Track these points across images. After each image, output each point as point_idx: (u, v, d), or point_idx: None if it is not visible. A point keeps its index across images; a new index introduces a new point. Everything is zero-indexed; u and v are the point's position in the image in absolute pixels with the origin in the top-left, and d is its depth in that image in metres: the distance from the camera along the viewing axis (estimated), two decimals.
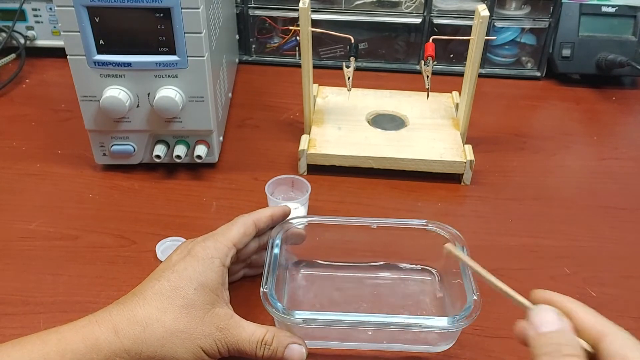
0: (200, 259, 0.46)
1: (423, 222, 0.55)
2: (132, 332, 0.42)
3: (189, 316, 0.44)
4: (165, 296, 0.44)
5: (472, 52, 0.67)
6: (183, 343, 0.43)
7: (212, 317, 0.45)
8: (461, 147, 0.70)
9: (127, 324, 0.42)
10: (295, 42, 0.94)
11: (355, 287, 0.55)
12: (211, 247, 0.47)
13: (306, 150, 0.69)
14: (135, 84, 0.62)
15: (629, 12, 0.89)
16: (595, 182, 0.71)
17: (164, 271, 0.46)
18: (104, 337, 0.42)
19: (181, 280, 0.45)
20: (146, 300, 0.44)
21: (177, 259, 0.47)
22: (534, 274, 0.57)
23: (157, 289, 0.44)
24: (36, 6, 0.90)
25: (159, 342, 0.43)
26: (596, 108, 0.87)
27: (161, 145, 0.67)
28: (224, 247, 0.47)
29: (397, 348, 0.50)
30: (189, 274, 0.45)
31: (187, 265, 0.46)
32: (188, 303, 0.44)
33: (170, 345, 0.43)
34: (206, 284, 0.45)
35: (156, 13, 0.58)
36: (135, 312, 0.43)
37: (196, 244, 0.47)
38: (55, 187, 0.67)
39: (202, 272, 0.45)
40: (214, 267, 0.46)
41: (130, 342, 0.42)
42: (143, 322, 0.43)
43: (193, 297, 0.44)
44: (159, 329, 0.43)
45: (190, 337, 0.43)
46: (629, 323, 0.53)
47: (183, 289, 0.44)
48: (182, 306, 0.44)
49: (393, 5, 0.90)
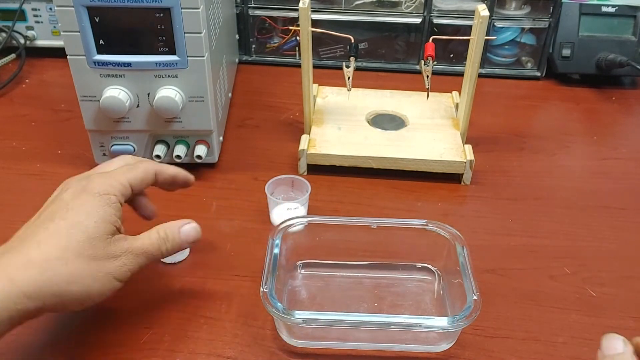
0: (97, 194, 0.45)
1: (423, 222, 0.55)
2: (31, 277, 0.40)
3: (93, 248, 0.43)
4: (63, 234, 0.43)
5: (472, 52, 0.67)
6: (91, 273, 0.43)
7: (115, 242, 0.45)
8: (461, 147, 0.70)
9: (23, 270, 0.41)
10: (295, 42, 0.94)
11: (355, 287, 0.55)
12: (107, 184, 0.47)
13: (306, 150, 0.69)
14: (135, 84, 0.62)
15: (629, 12, 0.89)
16: (595, 182, 0.71)
17: (57, 211, 0.44)
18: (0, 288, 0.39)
19: (79, 215, 0.44)
20: (41, 243, 0.42)
21: (70, 197, 0.45)
22: (534, 274, 0.57)
23: (53, 229, 0.43)
24: (36, 6, 0.90)
25: (65, 279, 0.42)
26: (596, 108, 0.87)
27: (161, 145, 0.67)
28: (120, 185, 0.47)
29: (397, 348, 0.50)
30: (87, 209, 0.45)
31: (83, 202, 0.45)
32: (89, 236, 0.43)
33: (78, 280, 0.42)
34: (105, 218, 0.45)
35: (156, 13, 0.58)
36: (31, 256, 0.41)
37: (90, 181, 0.47)
38: (55, 187, 0.67)
39: (100, 207, 0.45)
40: (110, 203, 0.46)
41: (31, 287, 0.40)
42: (42, 264, 0.41)
43: (94, 230, 0.44)
44: (61, 267, 0.42)
45: (97, 265, 0.43)
46: (629, 323, 0.53)
47: (82, 223, 0.44)
48: (83, 240, 0.43)
49: (393, 5, 0.90)
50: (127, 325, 0.51)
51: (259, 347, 0.49)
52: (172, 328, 0.51)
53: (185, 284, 0.55)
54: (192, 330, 0.51)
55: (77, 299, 0.43)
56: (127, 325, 0.51)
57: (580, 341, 0.51)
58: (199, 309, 0.53)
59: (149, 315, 0.52)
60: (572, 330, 0.52)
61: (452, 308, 0.52)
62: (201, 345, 0.49)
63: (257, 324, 0.51)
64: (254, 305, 0.53)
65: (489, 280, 0.56)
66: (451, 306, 0.52)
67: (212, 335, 0.50)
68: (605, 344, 0.41)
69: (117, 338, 0.50)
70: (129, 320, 0.51)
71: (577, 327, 0.52)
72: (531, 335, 0.51)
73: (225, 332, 0.51)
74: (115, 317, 0.51)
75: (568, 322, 0.53)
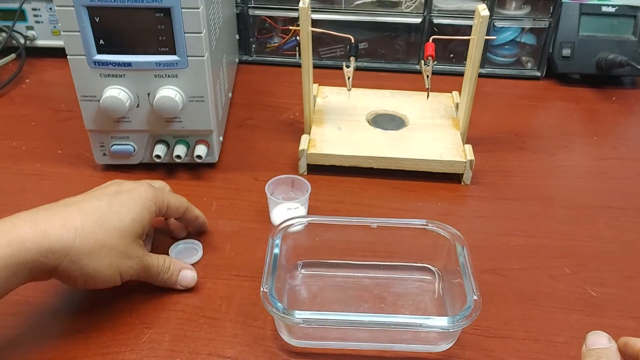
0: (143, 198, 0.51)
1: (423, 222, 0.55)
2: (64, 236, 0.45)
3: (120, 237, 0.48)
4: (103, 214, 0.48)
5: (472, 52, 0.67)
6: (107, 259, 0.47)
7: (136, 245, 0.50)
8: (461, 147, 0.70)
9: (59, 228, 0.45)
10: (295, 42, 0.94)
11: (356, 287, 0.55)
12: (152, 194, 0.52)
13: (306, 150, 0.69)
14: (135, 83, 0.62)
15: (629, 12, 0.89)
16: (595, 182, 0.71)
17: (105, 195, 0.49)
18: (33, 238, 0.43)
19: (122, 207, 0.49)
20: (82, 213, 0.47)
21: (120, 190, 0.51)
22: (534, 274, 0.57)
23: (97, 207, 0.48)
24: (36, 6, 0.90)
25: (87, 251, 0.46)
26: (596, 108, 0.87)
27: (161, 145, 0.67)
28: (162, 200, 0.53)
29: (397, 348, 0.50)
30: (130, 205, 0.50)
31: (130, 198, 0.50)
32: (122, 227, 0.48)
33: (96, 257, 0.46)
34: (141, 220, 0.50)
35: (156, 13, 0.58)
36: (70, 220, 0.46)
37: (141, 185, 0.52)
38: (55, 187, 0.67)
39: (141, 208, 0.50)
40: (150, 210, 0.51)
41: (59, 244, 0.44)
42: (77, 230, 0.45)
43: (128, 224, 0.49)
44: (90, 239, 0.46)
45: (115, 255, 0.48)
46: (629, 323, 0.53)
47: (122, 214, 0.49)
48: (116, 227, 0.48)
49: (393, 5, 0.90)
50: (127, 325, 0.51)
51: (259, 347, 0.49)
52: (172, 328, 0.51)
53: None
54: (192, 330, 0.51)
55: (85, 275, 0.46)
56: (127, 325, 0.51)
57: (580, 341, 0.50)
58: (199, 309, 0.53)
59: (149, 315, 0.52)
60: (572, 330, 0.52)
61: (452, 308, 0.52)
62: (201, 345, 0.49)
63: (257, 324, 0.51)
64: (254, 305, 0.53)
65: (489, 280, 0.56)
66: (451, 306, 0.52)
67: (212, 335, 0.50)
68: (591, 340, 0.43)
69: (117, 338, 0.50)
70: (129, 320, 0.51)
71: (577, 327, 0.52)
72: (531, 335, 0.51)
73: (225, 332, 0.51)
74: (116, 317, 0.51)
75: (568, 322, 0.53)
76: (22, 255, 0.43)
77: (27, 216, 0.45)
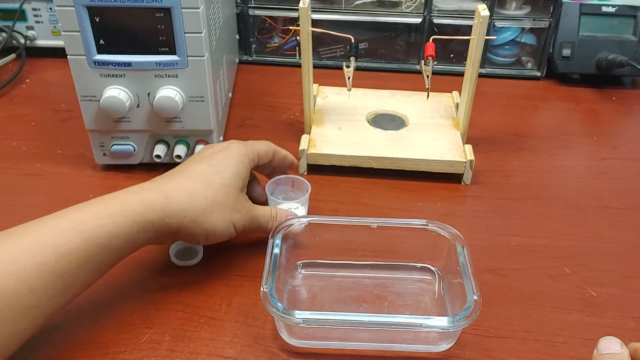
0: (236, 154, 0.55)
1: (423, 222, 0.55)
2: (181, 198, 0.50)
3: (226, 193, 0.52)
4: (207, 175, 0.52)
5: (472, 52, 0.67)
6: (221, 214, 0.51)
7: (242, 198, 0.54)
8: (461, 147, 0.70)
9: (177, 192, 0.50)
10: (295, 42, 0.94)
11: (356, 287, 0.55)
12: (243, 149, 0.56)
13: (306, 150, 0.69)
14: (135, 83, 0.62)
15: (629, 12, 0.89)
16: (595, 182, 0.71)
17: (203, 158, 0.54)
18: (158, 200, 0.48)
19: (221, 165, 0.53)
20: (190, 177, 0.52)
21: (213, 152, 0.55)
22: (534, 274, 0.57)
23: (200, 170, 0.53)
24: (36, 6, 0.90)
25: (202, 209, 0.50)
26: (596, 108, 0.87)
27: (161, 145, 0.67)
28: (253, 152, 0.57)
29: (397, 348, 0.50)
30: (227, 163, 0.54)
31: (225, 156, 0.54)
32: (225, 183, 0.52)
33: (210, 214, 0.51)
34: (239, 173, 0.54)
35: (156, 13, 0.58)
36: (183, 184, 0.51)
37: (231, 143, 0.56)
38: (55, 187, 0.67)
39: (236, 163, 0.54)
40: (245, 163, 0.55)
41: (179, 206, 0.49)
42: (190, 191, 0.50)
43: (230, 180, 0.53)
44: (203, 199, 0.51)
45: (226, 210, 0.52)
46: (629, 323, 0.53)
47: (222, 172, 0.53)
48: (221, 184, 0.52)
49: (393, 5, 0.90)
50: (127, 325, 0.51)
51: (259, 347, 0.49)
52: (172, 328, 0.51)
53: (185, 284, 0.55)
54: (192, 330, 0.51)
55: (205, 231, 0.51)
56: (127, 325, 0.51)
57: (580, 341, 0.51)
58: (199, 309, 0.53)
59: (149, 315, 0.52)
60: (572, 330, 0.52)
61: (452, 308, 0.52)
62: (201, 345, 0.49)
63: (257, 324, 0.51)
64: (254, 305, 0.53)
65: (489, 280, 0.56)
66: (451, 306, 0.52)
67: (212, 335, 0.50)
68: (602, 345, 0.42)
69: (117, 338, 0.50)
70: (129, 320, 0.51)
71: (577, 327, 0.52)
72: (531, 335, 0.51)
73: (225, 332, 0.51)
74: (116, 317, 0.51)
75: (568, 322, 0.53)
76: (149, 214, 0.48)
77: (149, 184, 0.51)
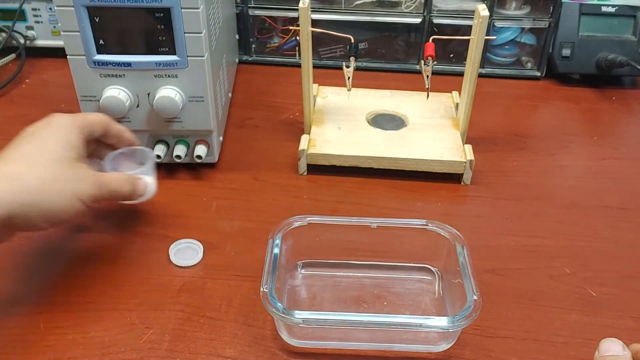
0: (62, 126, 0.51)
1: (423, 222, 0.55)
2: (4, 186, 0.45)
3: (59, 166, 0.48)
4: (30, 154, 0.48)
5: (472, 52, 0.67)
6: (57, 191, 0.47)
7: (81, 167, 0.50)
8: (461, 147, 0.70)
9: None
10: (295, 42, 0.94)
11: (355, 287, 0.55)
12: (69, 119, 0.52)
13: (306, 150, 0.69)
14: (135, 84, 0.62)
15: (629, 12, 0.89)
16: (595, 182, 0.71)
17: (24, 137, 0.50)
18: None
19: (46, 141, 0.49)
20: (10, 160, 0.47)
21: (35, 129, 0.50)
22: (534, 274, 0.57)
23: (21, 150, 0.48)
24: (36, 6, 0.90)
25: (35, 190, 0.46)
26: (596, 108, 0.87)
27: (161, 145, 0.67)
28: (83, 120, 0.53)
29: (397, 348, 0.50)
30: (54, 136, 0.50)
31: (49, 131, 0.50)
32: (55, 157, 0.48)
33: (46, 194, 0.47)
34: (69, 143, 0.50)
35: (156, 13, 0.58)
36: (6, 170, 0.46)
37: (52, 117, 0.52)
38: None
39: (65, 134, 0.50)
40: (75, 132, 0.51)
41: (3, 193, 0.45)
42: (13, 175, 0.46)
43: (61, 152, 0.49)
44: (31, 180, 0.46)
45: (63, 184, 0.48)
46: (629, 323, 0.53)
47: (49, 147, 0.49)
48: (50, 160, 0.48)
49: (393, 5, 0.90)
50: (127, 325, 0.51)
51: (259, 347, 0.50)
52: (172, 328, 0.51)
53: (185, 284, 0.55)
54: (192, 330, 0.51)
55: (42, 213, 0.47)
56: (127, 325, 0.51)
57: (580, 341, 0.51)
58: (199, 309, 0.53)
59: (149, 315, 0.52)
60: (572, 330, 0.52)
61: (452, 308, 0.52)
62: (201, 345, 0.49)
63: (257, 324, 0.51)
64: (254, 305, 0.53)
65: (489, 280, 0.56)
66: (451, 306, 0.52)
67: (212, 335, 0.50)
68: (604, 347, 0.42)
69: (118, 338, 0.50)
70: (129, 320, 0.51)
71: (577, 327, 0.52)
72: (531, 335, 0.51)
73: (225, 332, 0.51)
74: (115, 317, 0.51)
75: (568, 322, 0.53)
76: None
77: None
